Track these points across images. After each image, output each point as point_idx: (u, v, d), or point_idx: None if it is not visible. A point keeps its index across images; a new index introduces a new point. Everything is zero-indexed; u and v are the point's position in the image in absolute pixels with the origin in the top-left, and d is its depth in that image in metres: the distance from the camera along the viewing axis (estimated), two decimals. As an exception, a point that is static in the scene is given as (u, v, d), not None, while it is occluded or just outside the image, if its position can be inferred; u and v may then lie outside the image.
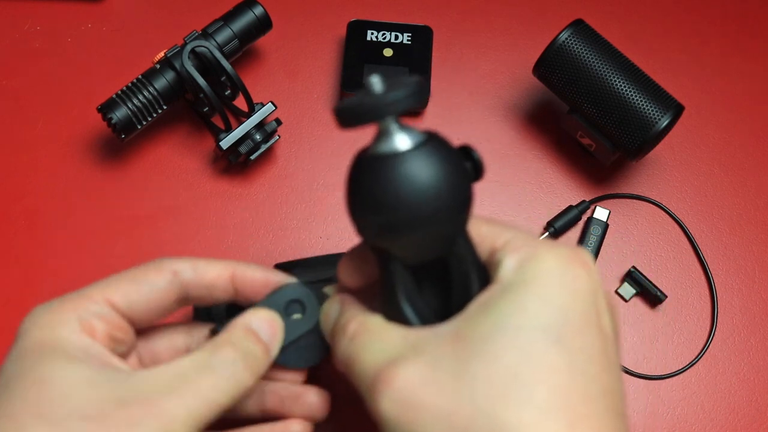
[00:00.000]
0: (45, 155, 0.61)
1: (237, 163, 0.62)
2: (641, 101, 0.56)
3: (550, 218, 0.61)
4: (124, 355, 0.38)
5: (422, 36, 0.64)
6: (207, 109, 0.60)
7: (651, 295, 0.59)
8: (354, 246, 0.38)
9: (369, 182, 0.33)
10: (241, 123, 0.58)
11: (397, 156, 0.32)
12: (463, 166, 0.34)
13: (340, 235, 0.60)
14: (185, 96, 0.60)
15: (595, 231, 0.60)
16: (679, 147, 0.64)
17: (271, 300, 0.39)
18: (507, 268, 0.33)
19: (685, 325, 0.59)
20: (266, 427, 0.40)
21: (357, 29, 0.64)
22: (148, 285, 0.37)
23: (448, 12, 0.68)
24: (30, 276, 0.58)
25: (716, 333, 0.59)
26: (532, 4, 0.69)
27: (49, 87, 0.63)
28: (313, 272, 0.45)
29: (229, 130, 0.58)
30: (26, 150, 0.61)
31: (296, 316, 0.39)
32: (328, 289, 0.40)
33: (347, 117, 0.32)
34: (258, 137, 0.59)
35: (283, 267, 0.46)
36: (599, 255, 0.60)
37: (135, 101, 0.56)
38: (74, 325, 0.35)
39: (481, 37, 0.67)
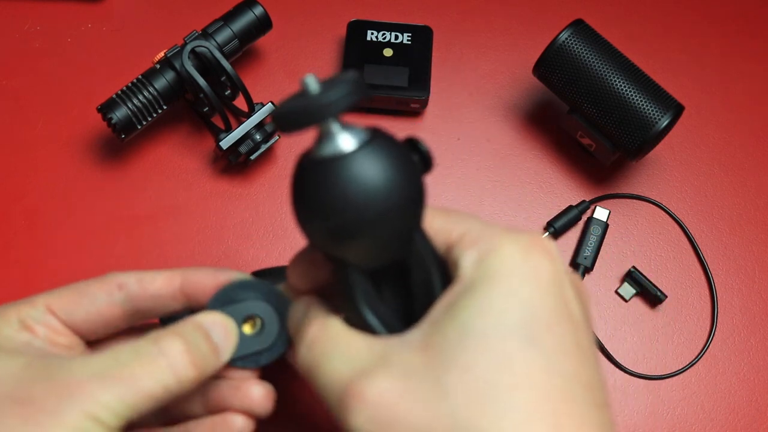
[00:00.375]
0: (45, 155, 0.61)
1: (237, 163, 0.62)
2: (641, 101, 0.56)
3: (550, 218, 0.61)
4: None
5: (422, 36, 0.64)
6: (207, 109, 0.60)
7: (651, 295, 0.59)
8: (302, 248, 0.37)
9: (314, 187, 0.31)
10: (241, 123, 0.58)
11: (341, 157, 0.31)
12: (411, 160, 0.33)
13: (340, 235, 0.60)
14: (185, 96, 0.60)
15: (595, 231, 0.60)
16: (679, 147, 0.64)
17: (229, 309, 0.38)
18: (466, 264, 0.31)
19: (685, 325, 0.59)
20: (207, 420, 0.39)
21: (357, 29, 0.64)
22: (89, 297, 0.38)
23: (448, 12, 0.68)
24: (30, 276, 0.58)
25: (716, 333, 0.59)
26: (532, 4, 0.69)
27: (49, 87, 0.63)
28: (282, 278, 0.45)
29: (229, 130, 0.58)
30: (26, 150, 0.61)
31: (250, 330, 0.39)
32: (281, 288, 0.40)
33: (285, 122, 0.31)
34: (258, 137, 0.59)
35: (260, 274, 0.46)
36: (599, 255, 0.60)
37: (135, 101, 0.56)
38: (14, 325, 0.36)
39: (481, 37, 0.67)
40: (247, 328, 0.39)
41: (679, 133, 0.64)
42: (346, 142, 0.32)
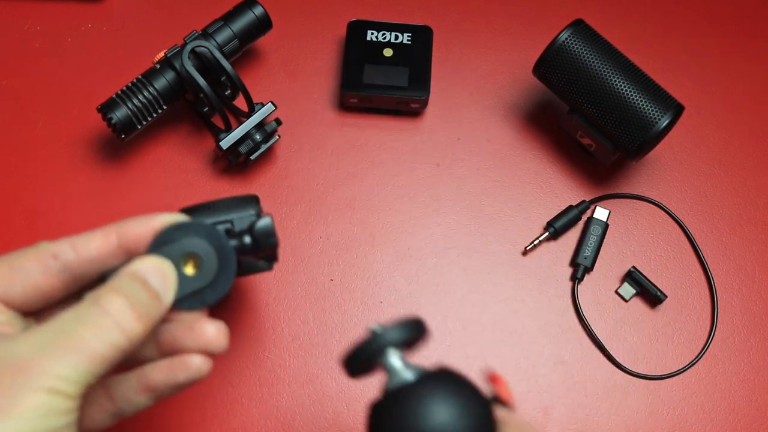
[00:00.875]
0: (45, 155, 0.61)
1: (237, 163, 0.62)
2: (641, 101, 0.56)
3: (550, 218, 0.61)
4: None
5: (422, 36, 0.64)
6: (207, 109, 0.60)
7: (651, 295, 0.59)
8: None
9: (381, 418, 0.34)
10: (241, 123, 0.58)
11: (404, 387, 0.34)
12: (478, 395, 0.34)
13: (340, 234, 0.60)
14: (185, 96, 0.60)
15: (595, 231, 0.60)
16: (679, 147, 0.64)
17: (164, 250, 0.38)
18: None
19: (685, 325, 0.59)
20: (163, 363, 0.38)
21: (357, 29, 0.64)
22: (23, 272, 0.36)
23: (448, 12, 0.68)
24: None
25: (716, 333, 0.59)
26: (532, 4, 0.69)
27: (49, 87, 0.63)
28: (217, 214, 0.44)
29: (229, 130, 0.58)
30: (26, 150, 0.61)
31: (192, 271, 0.38)
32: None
33: (351, 363, 0.36)
34: (258, 137, 0.59)
35: (189, 210, 0.45)
36: (599, 255, 0.60)
37: (135, 101, 0.56)
38: None
39: (481, 37, 0.67)
40: (189, 269, 0.38)
41: (679, 133, 0.64)
42: (407, 374, 0.35)
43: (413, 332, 0.36)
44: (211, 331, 0.38)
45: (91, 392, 0.37)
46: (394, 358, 0.36)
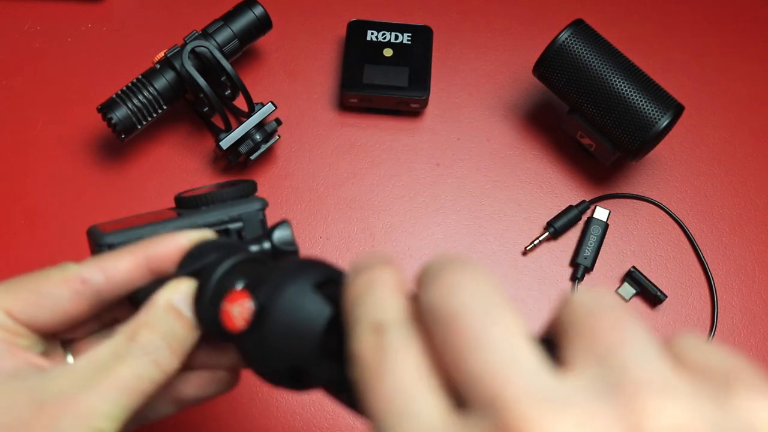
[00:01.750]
0: (45, 155, 0.61)
1: (237, 163, 0.62)
2: (641, 101, 0.56)
3: (550, 218, 0.61)
4: (48, 354, 0.36)
5: (422, 36, 0.64)
6: (207, 109, 0.60)
7: (651, 295, 0.59)
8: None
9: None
10: (241, 123, 0.58)
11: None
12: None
13: (340, 234, 0.60)
14: (185, 96, 0.60)
15: (595, 231, 0.60)
16: (679, 147, 0.64)
17: (195, 270, 0.36)
18: None
19: (685, 325, 0.59)
20: (194, 377, 0.38)
21: (357, 29, 0.64)
22: (52, 298, 0.35)
23: (448, 12, 0.68)
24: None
25: (716, 333, 0.59)
26: (532, 4, 0.69)
27: (49, 87, 0.63)
28: (221, 209, 0.41)
29: (229, 130, 0.58)
30: (26, 150, 0.61)
31: None
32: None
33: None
34: (258, 137, 0.59)
35: (183, 201, 0.43)
36: (599, 255, 0.60)
37: (135, 101, 0.56)
38: None
39: (481, 37, 0.67)
40: None
41: (679, 133, 0.64)
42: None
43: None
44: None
45: None
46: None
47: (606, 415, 0.20)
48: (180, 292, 0.35)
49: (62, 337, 0.38)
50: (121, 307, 0.38)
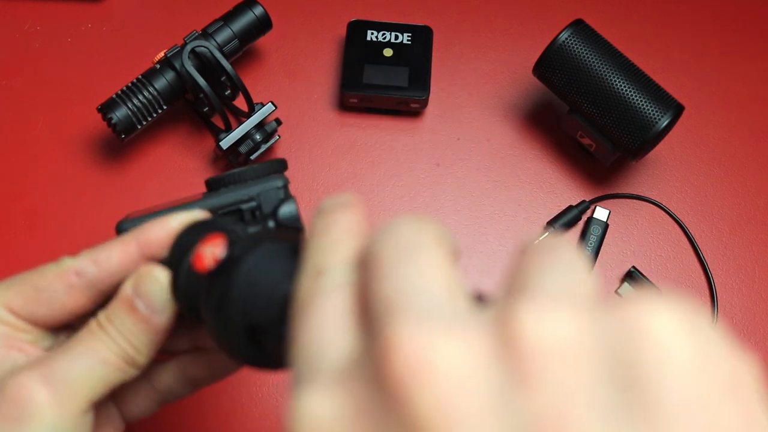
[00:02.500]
0: (45, 155, 0.61)
1: (237, 163, 0.62)
2: (641, 101, 0.56)
3: (550, 218, 0.61)
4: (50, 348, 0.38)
5: (422, 36, 0.64)
6: (207, 109, 0.60)
7: (651, 295, 0.59)
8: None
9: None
10: (241, 123, 0.58)
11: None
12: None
13: (340, 235, 0.60)
14: (185, 96, 0.60)
15: (595, 231, 0.60)
16: (679, 147, 0.64)
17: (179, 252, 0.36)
18: None
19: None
20: (201, 359, 0.39)
21: (357, 29, 0.64)
22: (48, 292, 0.36)
23: (448, 12, 0.68)
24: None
25: (716, 333, 0.59)
26: (532, 3, 0.69)
27: (49, 87, 0.63)
28: (242, 187, 0.40)
29: (229, 130, 0.58)
30: (26, 150, 0.61)
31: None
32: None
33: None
34: (258, 137, 0.59)
35: (212, 182, 0.42)
36: (599, 255, 0.60)
37: (135, 101, 0.56)
38: None
39: (481, 37, 0.67)
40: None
41: (679, 133, 0.64)
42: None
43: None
44: None
45: (136, 383, 0.39)
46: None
47: (487, 333, 0.19)
48: (134, 282, 0.35)
49: (71, 329, 0.39)
50: None
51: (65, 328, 0.38)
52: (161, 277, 0.35)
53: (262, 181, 0.40)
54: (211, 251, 0.32)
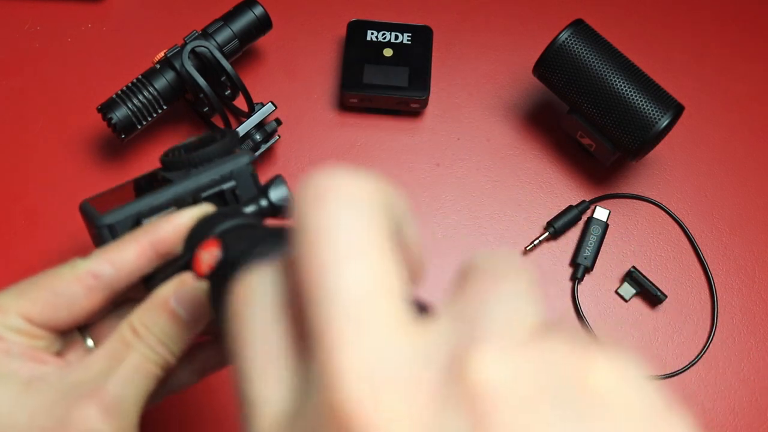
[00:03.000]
0: (45, 155, 0.61)
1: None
2: (641, 101, 0.56)
3: (550, 218, 0.61)
4: (67, 345, 0.37)
5: (422, 36, 0.64)
6: (207, 109, 0.60)
7: (651, 295, 0.59)
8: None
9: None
10: (241, 123, 0.58)
11: None
12: None
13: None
14: (185, 96, 0.60)
15: (595, 231, 0.60)
16: (680, 147, 0.64)
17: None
18: None
19: (685, 326, 0.59)
20: (212, 349, 0.39)
21: (357, 29, 0.64)
22: (67, 297, 0.36)
23: (448, 12, 0.68)
24: (29, 276, 0.58)
25: (716, 333, 0.59)
26: (532, 3, 0.68)
27: (49, 87, 0.63)
28: (210, 169, 0.40)
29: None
30: (26, 150, 0.61)
31: None
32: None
33: None
34: (258, 137, 0.59)
35: (168, 163, 0.42)
36: (599, 255, 0.60)
37: (135, 101, 0.56)
38: None
39: (481, 36, 0.67)
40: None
41: (679, 133, 0.64)
42: None
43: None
44: None
45: None
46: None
47: (435, 379, 0.18)
48: (178, 290, 0.35)
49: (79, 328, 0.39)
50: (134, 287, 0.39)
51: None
52: (203, 284, 0.35)
53: (228, 158, 0.40)
54: (207, 257, 0.32)
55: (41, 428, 0.32)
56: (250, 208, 0.38)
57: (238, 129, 0.58)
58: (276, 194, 0.39)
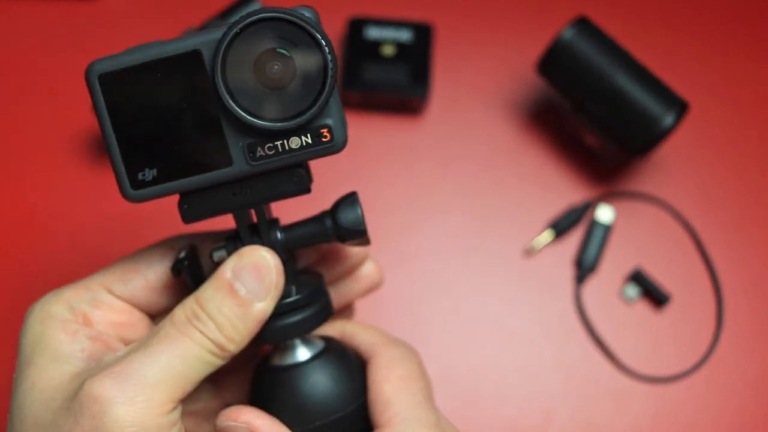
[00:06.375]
0: (44, 155, 0.61)
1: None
2: (646, 99, 0.55)
3: (553, 217, 0.60)
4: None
5: (423, 33, 0.63)
6: (205, 107, 0.60)
7: (656, 296, 0.58)
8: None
9: (273, 394, 0.36)
10: (239, 122, 0.58)
11: (296, 366, 0.36)
12: (357, 372, 0.37)
13: (339, 235, 0.60)
14: (183, 95, 0.59)
15: (598, 231, 0.60)
16: (684, 145, 0.63)
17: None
18: None
19: (691, 327, 0.59)
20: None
21: (357, 27, 0.63)
22: (144, 262, 0.36)
23: (448, 9, 0.67)
24: (30, 276, 0.58)
25: (722, 334, 0.58)
26: (535, 0, 0.68)
27: (47, 87, 0.63)
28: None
29: (227, 129, 0.58)
30: (25, 150, 0.61)
31: None
32: None
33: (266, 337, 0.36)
34: (256, 136, 0.58)
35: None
36: (603, 255, 0.60)
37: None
38: (65, 314, 0.34)
39: (482, 34, 0.67)
40: None
41: (684, 131, 0.63)
42: (302, 353, 0.37)
43: (318, 324, 0.37)
44: (372, 269, 0.41)
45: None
46: (295, 339, 0.37)
47: None
48: (236, 265, 0.34)
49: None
50: None
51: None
52: (268, 257, 0.34)
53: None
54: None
55: (62, 398, 0.31)
56: (311, 228, 0.38)
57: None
58: (347, 218, 0.38)
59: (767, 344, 0.58)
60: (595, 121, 0.58)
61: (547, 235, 0.60)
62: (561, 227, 0.60)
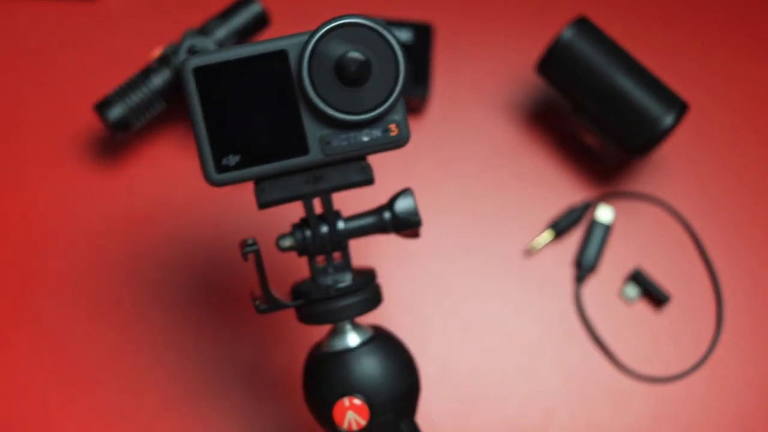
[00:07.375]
0: (44, 155, 0.61)
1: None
2: (645, 99, 0.55)
3: (554, 217, 0.60)
4: None
5: (423, 34, 0.63)
6: (205, 107, 0.60)
7: (656, 296, 0.58)
8: None
9: (322, 376, 0.40)
10: (239, 122, 0.58)
11: (348, 351, 0.40)
12: (410, 357, 0.41)
13: (339, 235, 0.60)
14: (183, 94, 0.59)
15: (598, 231, 0.60)
16: (684, 145, 0.63)
17: None
18: None
19: (690, 327, 0.59)
20: None
21: (357, 27, 0.63)
22: None
23: (449, 9, 0.67)
24: (29, 276, 0.58)
25: (722, 334, 0.58)
26: (535, 1, 0.68)
27: (47, 87, 0.63)
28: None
29: (227, 129, 0.58)
30: (25, 150, 0.61)
31: None
32: None
33: (309, 318, 0.40)
34: (256, 136, 0.58)
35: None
36: (603, 255, 0.60)
37: (132, 99, 0.56)
38: None
39: (482, 34, 0.67)
40: None
41: (684, 131, 0.63)
42: (353, 339, 0.41)
43: (371, 308, 0.41)
44: None
45: None
46: (346, 324, 0.41)
47: None
48: None
49: None
50: None
51: None
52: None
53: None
54: (354, 419, 0.40)
55: None
56: (371, 218, 0.42)
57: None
58: (402, 206, 0.42)
59: (767, 344, 0.58)
60: (595, 121, 0.58)
61: (547, 235, 0.60)
62: (561, 227, 0.60)
